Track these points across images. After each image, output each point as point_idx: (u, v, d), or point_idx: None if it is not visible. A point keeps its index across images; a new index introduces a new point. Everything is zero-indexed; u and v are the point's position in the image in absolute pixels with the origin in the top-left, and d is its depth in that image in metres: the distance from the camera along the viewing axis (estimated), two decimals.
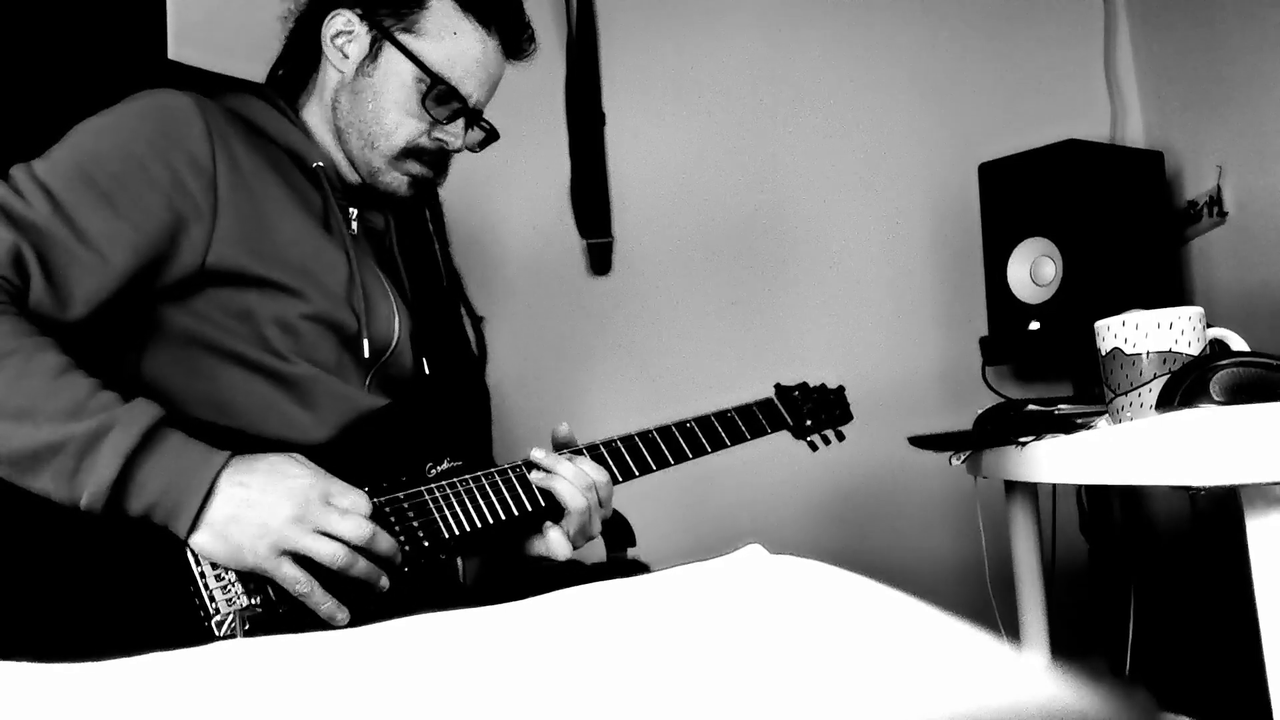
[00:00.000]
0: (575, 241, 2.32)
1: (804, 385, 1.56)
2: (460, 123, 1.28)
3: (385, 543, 1.06)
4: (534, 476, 1.23)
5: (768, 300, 2.38)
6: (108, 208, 1.07)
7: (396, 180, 1.29)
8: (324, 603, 1.02)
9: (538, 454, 1.24)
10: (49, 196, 1.05)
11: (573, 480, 1.22)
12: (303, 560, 1.02)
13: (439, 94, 1.25)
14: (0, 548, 0.93)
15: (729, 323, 2.36)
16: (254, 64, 1.40)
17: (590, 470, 1.24)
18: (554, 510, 1.23)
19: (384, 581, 1.06)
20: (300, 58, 1.31)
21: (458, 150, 1.30)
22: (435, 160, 1.30)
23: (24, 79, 1.43)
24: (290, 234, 1.18)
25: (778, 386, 1.54)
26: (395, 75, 1.25)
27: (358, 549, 1.04)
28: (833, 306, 2.39)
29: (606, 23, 2.35)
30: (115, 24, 1.57)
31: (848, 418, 1.59)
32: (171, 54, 1.68)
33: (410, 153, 1.27)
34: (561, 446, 1.28)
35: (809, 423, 1.53)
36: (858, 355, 2.34)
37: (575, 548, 1.24)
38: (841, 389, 1.61)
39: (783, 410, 1.50)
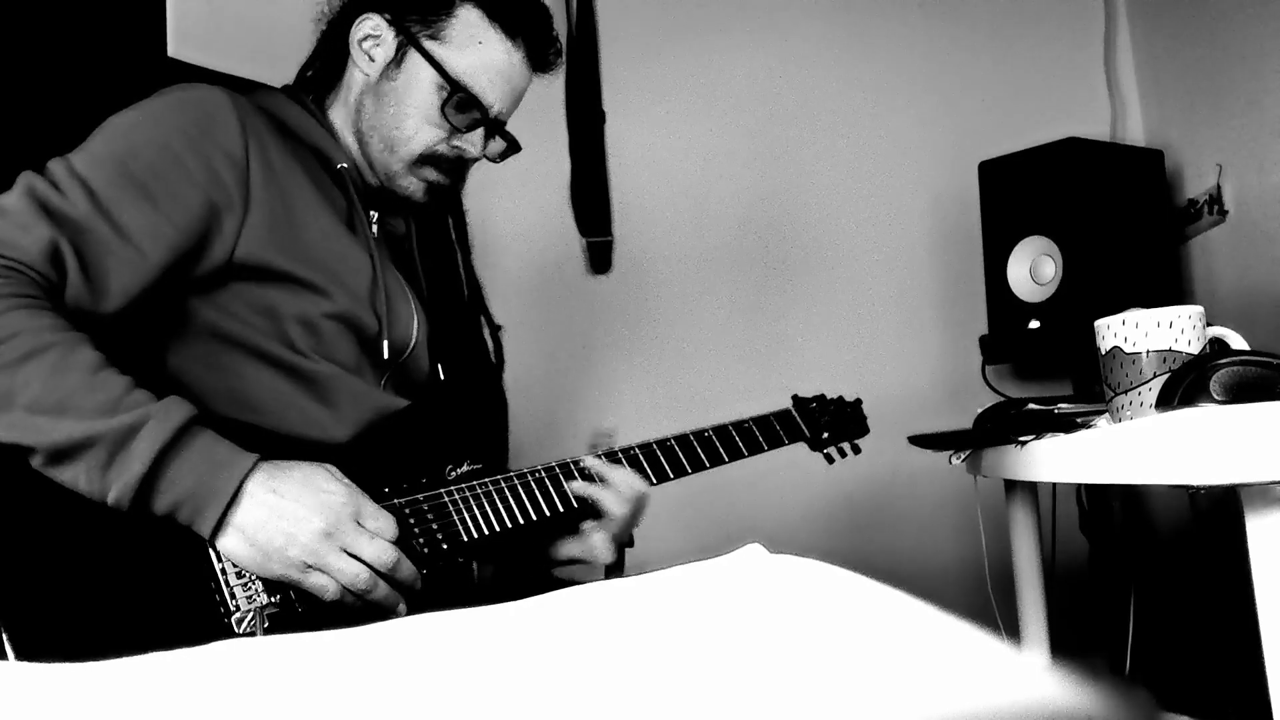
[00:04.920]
0: (575, 241, 2.32)
1: (821, 397, 1.56)
2: (480, 132, 1.28)
3: (407, 570, 1.06)
4: (575, 486, 1.24)
5: (767, 299, 2.38)
6: (146, 202, 1.07)
7: (413, 186, 1.29)
8: (355, 600, 1.03)
9: (591, 461, 1.26)
10: (88, 191, 1.05)
11: (622, 491, 1.25)
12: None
13: (459, 102, 1.24)
14: (25, 543, 0.94)
15: (729, 322, 2.36)
16: (253, 64, 1.39)
17: (636, 482, 1.27)
18: (575, 516, 1.24)
19: (401, 608, 1.06)
20: (329, 60, 1.32)
21: (476, 160, 1.30)
22: (453, 168, 1.30)
23: (24, 78, 1.43)
24: (317, 233, 1.18)
25: (795, 398, 1.53)
26: (418, 81, 1.24)
27: (379, 574, 1.04)
28: (832, 305, 2.39)
29: (607, 22, 2.35)
30: (115, 23, 1.57)
31: (864, 431, 1.59)
32: (171, 53, 1.68)
33: (428, 159, 1.27)
34: (601, 440, 1.31)
35: (825, 435, 1.53)
36: (857, 354, 2.34)
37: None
38: (859, 401, 1.61)
39: (800, 423, 1.50)
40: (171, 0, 1.70)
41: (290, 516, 1.00)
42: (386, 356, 1.23)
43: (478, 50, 1.25)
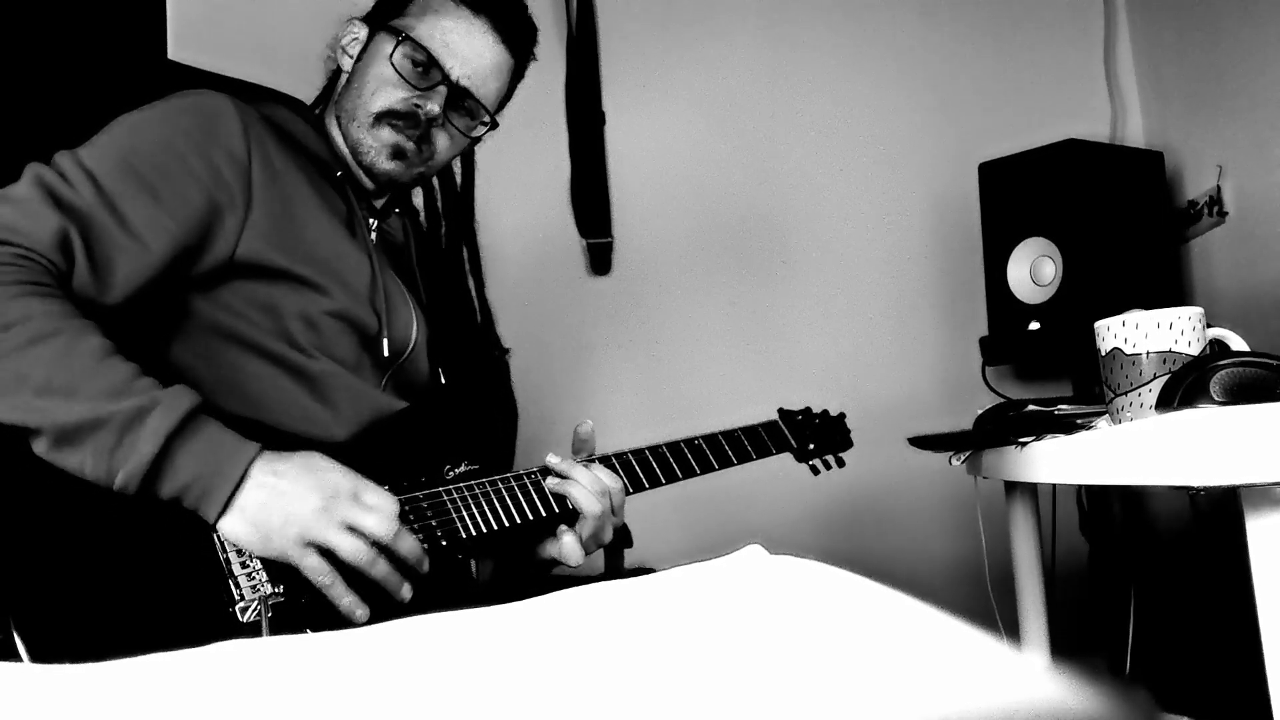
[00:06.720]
0: (575, 241, 2.32)
1: (807, 410, 1.59)
2: (441, 91, 1.27)
3: (409, 544, 1.07)
4: (549, 482, 1.25)
5: (767, 300, 2.38)
6: (150, 197, 1.10)
7: (374, 151, 1.28)
8: (344, 597, 1.04)
9: (553, 459, 1.26)
10: (94, 183, 1.08)
11: (588, 486, 1.24)
12: (328, 554, 1.03)
13: (409, 51, 1.26)
14: (32, 533, 0.95)
15: (728, 322, 2.36)
16: (253, 66, 1.40)
17: (604, 477, 1.26)
18: (570, 515, 1.25)
19: (405, 590, 1.07)
20: (332, 83, 1.37)
21: (434, 118, 1.27)
22: (410, 127, 1.27)
23: (24, 78, 1.43)
24: (317, 233, 1.21)
25: (781, 411, 1.56)
26: (379, 53, 1.28)
27: (383, 550, 1.05)
28: (832, 306, 2.39)
29: (606, 22, 2.35)
30: (115, 24, 1.57)
31: (848, 445, 1.62)
32: (171, 54, 1.68)
33: (383, 116, 1.27)
34: (581, 444, 1.31)
35: (811, 447, 1.57)
36: (857, 355, 2.34)
37: (587, 553, 1.27)
38: (842, 415, 1.63)
39: (787, 434, 1.54)
40: (171, 2, 1.71)
41: (289, 495, 1.02)
42: (386, 354, 1.25)
43: (435, 17, 1.28)
